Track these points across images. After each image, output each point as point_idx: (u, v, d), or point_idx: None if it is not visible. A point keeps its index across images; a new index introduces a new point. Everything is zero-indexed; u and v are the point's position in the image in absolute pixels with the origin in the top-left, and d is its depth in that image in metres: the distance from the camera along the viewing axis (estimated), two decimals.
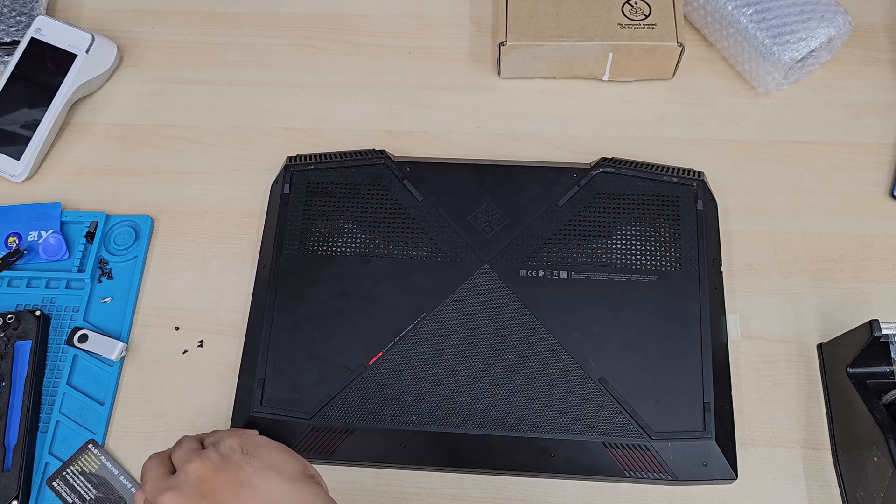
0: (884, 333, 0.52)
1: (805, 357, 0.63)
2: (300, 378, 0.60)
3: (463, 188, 0.67)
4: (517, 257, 0.63)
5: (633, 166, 0.67)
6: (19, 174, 0.72)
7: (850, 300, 0.64)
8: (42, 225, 0.69)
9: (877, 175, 0.69)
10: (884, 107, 0.72)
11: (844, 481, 0.58)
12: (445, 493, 0.60)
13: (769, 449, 0.60)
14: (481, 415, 0.58)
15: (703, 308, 0.61)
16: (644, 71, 0.73)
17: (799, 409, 0.61)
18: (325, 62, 0.78)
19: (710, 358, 0.59)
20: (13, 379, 0.62)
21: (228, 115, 0.75)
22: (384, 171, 0.68)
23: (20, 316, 0.64)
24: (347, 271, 0.64)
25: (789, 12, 0.69)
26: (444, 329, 0.61)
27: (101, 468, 0.60)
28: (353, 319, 0.62)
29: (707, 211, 0.65)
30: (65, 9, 0.82)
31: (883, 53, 0.75)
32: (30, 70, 0.74)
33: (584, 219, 0.65)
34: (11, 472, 0.59)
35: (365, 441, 0.59)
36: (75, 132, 0.75)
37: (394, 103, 0.75)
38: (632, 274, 0.62)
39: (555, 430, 0.58)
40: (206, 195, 0.72)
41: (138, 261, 0.68)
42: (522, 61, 0.73)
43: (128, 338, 0.65)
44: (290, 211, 0.66)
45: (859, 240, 0.67)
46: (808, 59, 0.69)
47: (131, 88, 0.77)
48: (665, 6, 0.71)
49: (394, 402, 0.59)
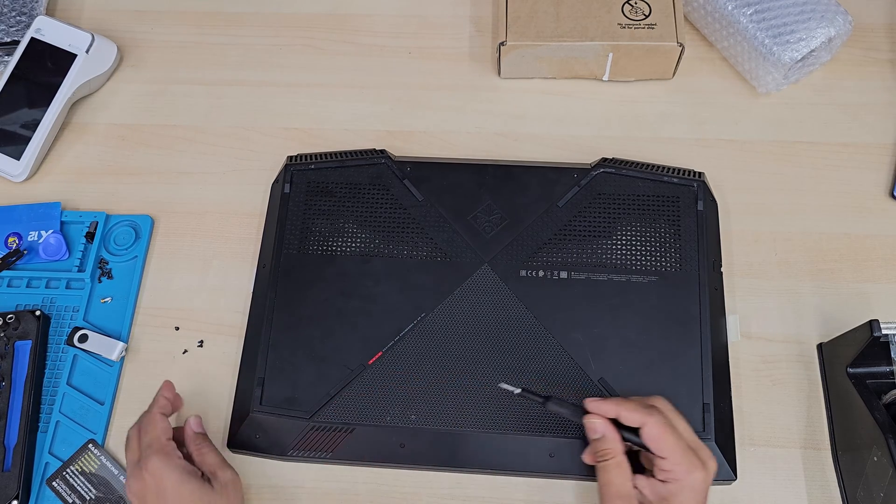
0: (884, 333, 0.53)
1: (805, 357, 0.63)
2: (300, 377, 0.60)
3: (463, 188, 0.67)
4: (517, 257, 0.63)
5: (633, 166, 0.67)
6: (19, 174, 0.72)
7: (850, 300, 0.64)
8: (42, 225, 0.69)
9: (877, 175, 0.69)
10: (884, 107, 0.72)
11: (844, 481, 0.58)
12: (445, 493, 0.60)
13: (769, 449, 0.60)
14: (481, 415, 0.58)
15: (703, 308, 0.61)
16: (644, 71, 0.73)
17: (799, 409, 0.61)
18: (325, 62, 0.78)
19: (709, 358, 0.59)
20: (13, 379, 0.62)
21: (228, 115, 0.75)
22: (384, 170, 0.68)
23: (20, 316, 0.64)
24: (347, 271, 0.64)
25: (789, 12, 0.69)
26: (444, 329, 0.61)
27: (101, 468, 0.60)
28: (353, 319, 0.62)
29: (707, 211, 0.65)
30: (65, 9, 0.82)
31: (883, 53, 0.75)
32: (30, 70, 0.74)
33: (585, 219, 0.65)
34: (11, 472, 0.59)
35: (364, 440, 0.59)
36: (75, 132, 0.75)
37: (394, 103, 0.75)
38: (632, 274, 0.62)
39: (555, 430, 0.58)
40: (206, 195, 0.72)
41: (138, 261, 0.68)
42: (522, 61, 0.73)
43: (128, 338, 0.65)
44: (290, 210, 0.66)
45: (859, 240, 0.67)
46: (808, 59, 0.69)
47: (131, 88, 0.77)
48: (665, 6, 0.71)
49: (393, 401, 0.59)
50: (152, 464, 0.53)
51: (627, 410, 0.51)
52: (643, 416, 0.51)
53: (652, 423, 0.50)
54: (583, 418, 0.53)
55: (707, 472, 0.50)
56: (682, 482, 0.50)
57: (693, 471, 0.49)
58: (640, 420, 0.51)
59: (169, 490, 0.53)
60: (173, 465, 0.54)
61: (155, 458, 0.54)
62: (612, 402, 0.52)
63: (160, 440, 0.55)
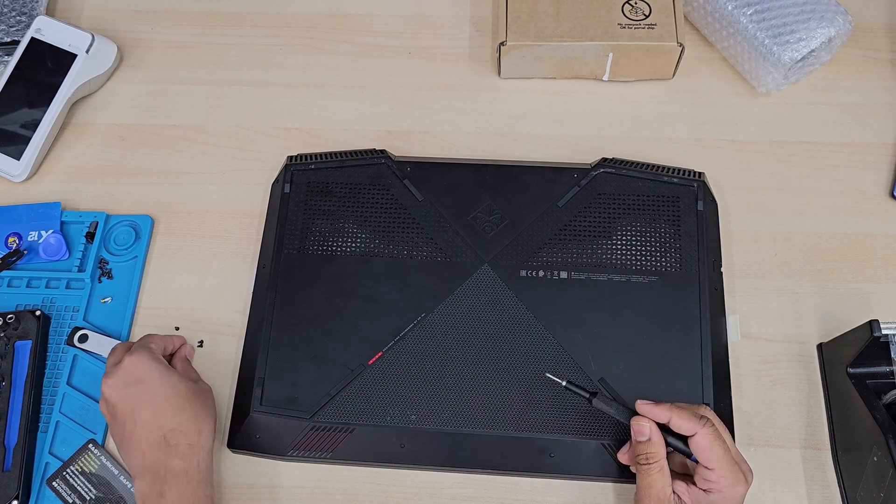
0: (884, 333, 0.53)
1: (805, 357, 0.63)
2: (300, 377, 0.60)
3: (463, 188, 0.67)
4: (517, 257, 0.63)
5: (633, 167, 0.67)
6: (19, 174, 0.72)
7: (850, 300, 0.64)
8: (42, 225, 0.69)
9: (877, 175, 0.69)
10: (884, 107, 0.72)
11: (844, 481, 0.58)
12: (445, 493, 0.60)
13: (769, 449, 0.60)
14: (481, 415, 0.58)
15: (703, 308, 0.61)
16: (644, 71, 0.73)
17: (799, 409, 0.61)
18: (325, 62, 0.78)
19: (709, 358, 0.59)
20: (13, 379, 0.62)
21: (228, 115, 0.75)
22: (385, 170, 0.68)
23: (20, 316, 0.64)
24: (347, 271, 0.64)
25: (789, 12, 0.69)
26: (444, 329, 0.61)
27: (101, 468, 0.60)
28: (353, 319, 0.62)
29: (707, 211, 0.65)
30: (65, 9, 0.82)
31: (883, 53, 0.75)
32: (30, 70, 0.74)
33: (585, 219, 0.65)
34: (11, 472, 0.59)
35: (365, 440, 0.59)
36: (75, 132, 0.75)
37: (394, 103, 0.75)
38: (632, 274, 0.62)
39: (555, 430, 0.58)
40: (206, 195, 0.72)
41: (138, 261, 0.68)
42: (522, 61, 0.73)
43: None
44: (290, 210, 0.66)
45: (859, 240, 0.67)
46: (808, 59, 0.69)
47: (131, 88, 0.77)
48: (665, 6, 0.71)
49: (393, 401, 0.59)
50: (135, 356, 0.55)
51: (680, 418, 0.51)
52: (695, 425, 0.51)
53: (704, 433, 0.50)
54: (631, 419, 0.53)
55: (747, 486, 0.51)
56: (725, 493, 0.50)
57: (737, 484, 0.50)
58: (692, 429, 0.51)
59: (148, 379, 0.54)
60: (156, 358, 0.56)
61: (138, 352, 0.55)
62: (665, 408, 0.52)
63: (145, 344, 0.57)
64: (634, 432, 0.53)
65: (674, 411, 0.52)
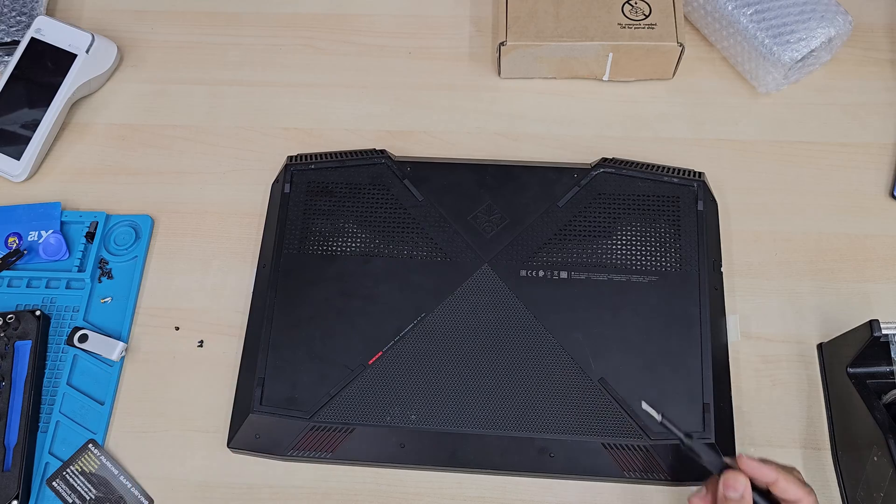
0: (884, 333, 0.53)
1: (805, 357, 0.63)
2: (300, 377, 0.60)
3: (463, 188, 0.67)
4: (517, 257, 0.63)
5: (633, 167, 0.67)
6: (19, 174, 0.72)
7: (850, 300, 0.64)
8: (42, 225, 0.69)
9: (877, 175, 0.69)
10: (884, 107, 0.72)
11: (844, 481, 0.58)
12: (445, 493, 0.60)
13: (769, 449, 0.60)
14: (481, 415, 0.58)
15: (703, 308, 0.61)
16: (644, 71, 0.73)
17: (799, 409, 0.61)
18: (325, 62, 0.78)
19: (709, 358, 0.59)
20: (13, 379, 0.62)
21: (228, 115, 0.75)
22: (385, 170, 0.68)
23: (20, 316, 0.64)
24: (347, 271, 0.64)
25: (789, 12, 0.69)
26: (444, 329, 0.61)
27: (101, 468, 0.60)
28: (354, 319, 0.62)
29: (707, 211, 0.65)
30: (65, 9, 0.82)
31: (883, 53, 0.75)
32: (30, 70, 0.74)
33: (585, 219, 0.65)
34: (11, 472, 0.59)
35: (365, 440, 0.59)
36: (75, 132, 0.75)
37: (394, 103, 0.75)
38: (632, 274, 0.62)
39: (555, 430, 0.58)
40: (206, 195, 0.72)
41: (138, 261, 0.68)
42: (522, 61, 0.73)
43: (128, 338, 0.65)
44: (290, 210, 0.66)
45: (859, 240, 0.67)
46: (808, 59, 0.69)
47: (131, 88, 0.77)
48: (665, 6, 0.71)
49: (393, 401, 0.59)
50: None
51: (787, 482, 0.49)
52: (802, 493, 0.49)
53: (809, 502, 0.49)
54: (725, 471, 0.50)
55: None
56: None
57: None
58: (797, 496, 0.49)
59: None
60: None
61: None
62: (773, 469, 0.50)
63: None
64: (726, 486, 0.50)
65: (780, 473, 0.50)
